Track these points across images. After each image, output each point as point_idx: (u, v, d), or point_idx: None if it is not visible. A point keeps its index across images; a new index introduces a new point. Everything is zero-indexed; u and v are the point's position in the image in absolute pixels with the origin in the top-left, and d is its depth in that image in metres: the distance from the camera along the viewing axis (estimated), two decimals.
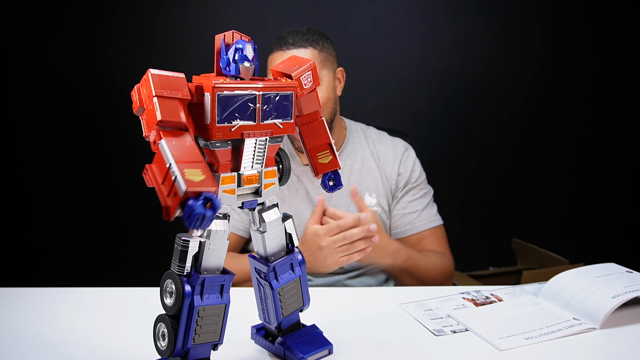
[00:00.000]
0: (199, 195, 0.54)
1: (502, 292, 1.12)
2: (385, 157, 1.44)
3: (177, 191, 0.54)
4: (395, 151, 1.45)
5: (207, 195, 0.54)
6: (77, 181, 2.44)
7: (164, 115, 0.60)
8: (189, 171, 0.55)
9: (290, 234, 0.80)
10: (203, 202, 0.54)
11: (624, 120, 2.54)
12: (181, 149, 0.58)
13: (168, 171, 0.56)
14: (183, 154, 0.57)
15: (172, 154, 0.57)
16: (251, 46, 0.67)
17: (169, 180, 0.55)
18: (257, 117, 0.67)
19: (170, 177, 0.55)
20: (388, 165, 1.43)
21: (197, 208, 0.53)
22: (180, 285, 0.67)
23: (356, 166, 1.42)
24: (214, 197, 0.54)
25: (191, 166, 0.56)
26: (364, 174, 1.42)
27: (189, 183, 0.54)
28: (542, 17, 2.45)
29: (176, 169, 0.55)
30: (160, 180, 0.56)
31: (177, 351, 0.68)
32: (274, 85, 0.69)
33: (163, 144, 0.58)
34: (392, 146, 1.46)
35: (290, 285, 0.80)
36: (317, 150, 0.77)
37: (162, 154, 0.57)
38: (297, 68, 0.75)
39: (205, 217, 0.53)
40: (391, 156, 1.44)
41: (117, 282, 1.21)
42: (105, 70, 2.36)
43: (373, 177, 1.42)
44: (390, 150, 1.45)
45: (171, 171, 0.55)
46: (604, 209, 2.62)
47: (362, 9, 2.40)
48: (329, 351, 0.83)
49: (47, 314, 0.99)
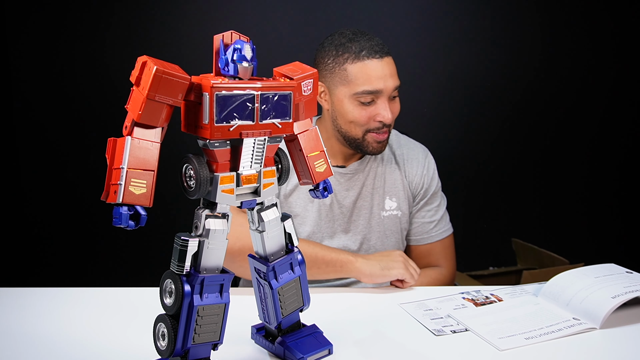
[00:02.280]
0: (133, 205, 0.60)
1: (502, 292, 1.12)
2: (408, 160, 1.41)
3: (117, 189, 0.60)
4: (417, 155, 1.42)
5: (139, 210, 0.60)
6: (76, 181, 2.44)
7: (143, 118, 0.63)
8: (135, 181, 0.61)
9: (289, 233, 0.80)
10: (132, 214, 0.60)
11: (625, 120, 2.54)
12: (141, 152, 0.62)
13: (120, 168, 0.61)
14: (139, 159, 0.62)
15: (129, 159, 0.61)
16: (249, 46, 0.67)
17: (117, 174, 0.61)
18: (256, 116, 0.67)
19: (119, 173, 0.61)
20: (410, 168, 1.40)
21: (123, 218, 0.60)
22: (180, 285, 0.67)
23: (380, 169, 1.39)
24: (142, 215, 0.61)
25: (140, 175, 0.61)
26: (386, 177, 1.39)
27: (126, 196, 0.60)
28: (542, 19, 2.45)
29: (124, 177, 0.60)
30: (112, 165, 0.62)
31: (177, 351, 0.68)
32: (273, 85, 0.69)
33: (127, 142, 0.62)
34: (414, 149, 1.43)
35: (289, 285, 0.80)
36: (314, 159, 0.79)
37: (123, 150, 0.62)
38: (300, 73, 0.75)
39: (128, 227, 0.60)
40: (413, 160, 1.41)
41: (115, 282, 1.21)
42: (104, 70, 2.36)
43: (394, 179, 1.39)
44: (413, 153, 1.42)
45: (121, 174, 0.61)
46: (604, 209, 2.62)
47: (362, 9, 2.40)
48: (329, 351, 0.83)
49: (45, 313, 0.99)
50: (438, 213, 1.42)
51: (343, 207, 1.35)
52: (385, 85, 1.23)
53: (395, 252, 1.21)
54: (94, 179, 2.45)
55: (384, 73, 1.23)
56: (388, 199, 1.38)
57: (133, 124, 0.63)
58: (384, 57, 1.24)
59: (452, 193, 1.48)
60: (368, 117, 1.25)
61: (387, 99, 1.25)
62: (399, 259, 1.17)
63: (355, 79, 1.23)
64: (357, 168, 1.36)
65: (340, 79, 1.25)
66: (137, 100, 0.63)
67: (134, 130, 0.63)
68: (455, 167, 2.46)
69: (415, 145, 1.45)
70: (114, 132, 0.66)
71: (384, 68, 1.23)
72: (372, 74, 1.23)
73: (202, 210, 0.69)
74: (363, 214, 1.36)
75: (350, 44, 1.25)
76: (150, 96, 0.62)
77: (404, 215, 1.40)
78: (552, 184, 2.59)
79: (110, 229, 2.48)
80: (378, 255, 1.20)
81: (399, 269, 1.15)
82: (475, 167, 2.53)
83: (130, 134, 0.63)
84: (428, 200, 1.41)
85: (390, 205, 1.38)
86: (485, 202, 2.56)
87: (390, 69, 1.25)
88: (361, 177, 1.36)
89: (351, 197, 1.35)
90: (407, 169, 1.40)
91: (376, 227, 1.37)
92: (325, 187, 0.82)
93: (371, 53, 1.24)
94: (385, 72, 1.23)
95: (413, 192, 1.41)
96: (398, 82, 1.26)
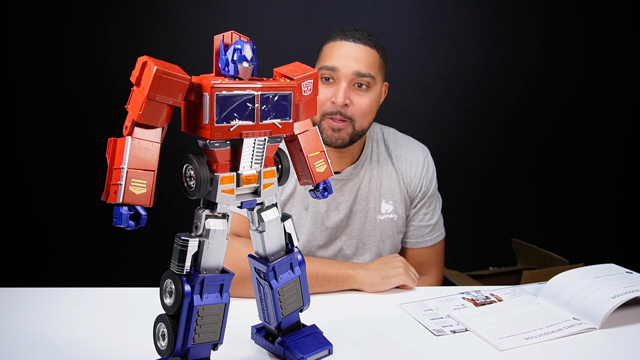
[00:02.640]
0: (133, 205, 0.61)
1: (502, 292, 1.12)
2: (405, 161, 1.38)
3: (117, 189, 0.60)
4: (416, 156, 1.39)
5: (139, 210, 0.61)
6: (76, 182, 2.44)
7: (143, 118, 0.63)
8: (135, 181, 0.61)
9: (289, 234, 0.80)
10: (133, 214, 0.60)
11: (625, 120, 2.54)
12: (141, 152, 0.62)
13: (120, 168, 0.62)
14: (139, 159, 0.62)
15: (129, 158, 0.61)
16: (249, 46, 0.67)
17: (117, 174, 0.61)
18: (256, 117, 0.67)
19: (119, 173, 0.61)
20: (408, 170, 1.37)
21: (123, 218, 0.60)
22: (180, 285, 0.67)
23: (375, 172, 1.36)
24: (142, 215, 0.61)
25: (140, 175, 0.61)
26: (382, 180, 1.36)
27: (126, 196, 0.60)
28: (542, 20, 2.45)
29: (124, 177, 0.60)
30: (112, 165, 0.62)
31: (177, 351, 0.68)
32: (273, 85, 0.69)
33: (128, 142, 0.62)
34: (412, 150, 1.40)
35: (289, 285, 0.80)
36: (314, 159, 0.79)
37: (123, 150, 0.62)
38: (300, 73, 0.75)
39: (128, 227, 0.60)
40: (412, 162, 1.38)
41: (115, 282, 1.20)
42: (104, 70, 2.36)
43: (390, 182, 1.36)
44: (411, 154, 1.39)
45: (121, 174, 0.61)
46: (604, 209, 2.62)
47: (362, 10, 2.40)
48: (328, 351, 0.83)
49: (46, 313, 0.99)
50: (434, 217, 1.40)
51: (339, 213, 1.33)
52: (344, 65, 1.20)
53: (395, 258, 1.20)
54: (94, 179, 2.45)
55: (348, 54, 1.21)
56: (384, 202, 1.36)
57: (133, 124, 0.63)
58: (359, 43, 1.22)
59: (451, 193, 1.48)
60: (325, 98, 1.22)
61: (348, 84, 1.21)
62: (400, 265, 1.17)
63: (323, 56, 1.25)
64: (351, 172, 1.33)
65: (317, 60, 1.27)
66: (138, 101, 0.63)
67: (134, 130, 0.63)
68: (455, 167, 2.46)
69: (414, 145, 1.41)
70: (114, 132, 0.66)
71: (351, 50, 1.21)
72: (336, 51, 1.22)
73: (202, 210, 0.69)
74: (358, 218, 1.35)
75: (337, 32, 1.26)
76: (150, 96, 0.62)
77: (400, 219, 1.38)
78: (552, 184, 2.59)
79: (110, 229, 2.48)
80: (378, 262, 1.19)
81: (400, 275, 1.14)
82: (475, 167, 2.53)
83: (131, 134, 0.63)
84: (425, 202, 1.39)
85: (386, 208, 1.36)
86: (485, 202, 2.56)
87: (359, 54, 1.21)
88: (356, 182, 1.34)
89: (347, 202, 1.33)
90: (405, 171, 1.37)
91: (372, 232, 1.35)
92: (325, 187, 0.81)
93: (347, 37, 1.23)
94: (350, 53, 1.21)
95: (411, 195, 1.38)
96: (363, 70, 1.21)
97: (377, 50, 1.25)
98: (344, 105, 1.21)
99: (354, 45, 1.22)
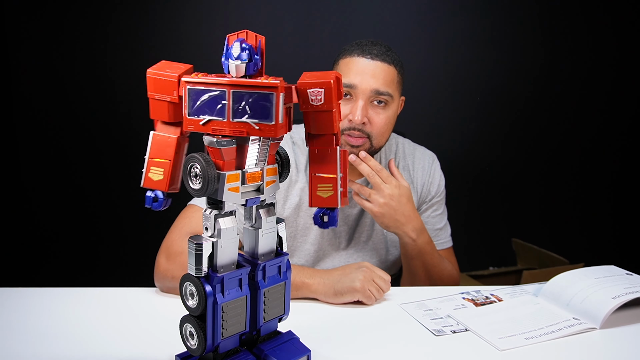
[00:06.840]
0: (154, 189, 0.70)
1: (502, 292, 1.12)
2: (414, 170, 1.38)
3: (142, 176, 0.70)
4: (423, 162, 1.39)
5: (157, 194, 0.69)
6: (76, 182, 2.44)
7: (152, 114, 0.71)
8: (154, 169, 0.69)
9: (280, 237, 0.79)
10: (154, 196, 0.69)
11: (625, 121, 2.54)
12: (161, 144, 0.70)
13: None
14: (158, 150, 0.70)
15: (150, 150, 0.70)
16: (239, 44, 0.66)
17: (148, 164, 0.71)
18: (227, 114, 0.66)
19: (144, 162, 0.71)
20: (417, 178, 1.37)
21: (147, 200, 0.69)
22: (201, 287, 0.68)
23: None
24: (160, 199, 0.69)
25: (158, 164, 0.70)
26: None
27: (145, 182, 0.70)
28: (544, 22, 2.45)
29: (145, 165, 0.70)
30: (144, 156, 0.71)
31: (209, 347, 0.70)
32: (250, 84, 0.66)
33: (150, 136, 0.70)
34: (419, 158, 1.40)
35: (276, 289, 0.79)
36: (319, 181, 0.73)
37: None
38: (307, 80, 0.70)
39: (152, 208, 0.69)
40: (419, 169, 1.38)
41: (115, 282, 1.20)
42: (104, 71, 2.36)
43: None
44: (418, 162, 1.39)
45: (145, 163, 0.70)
46: (604, 209, 2.62)
47: (362, 10, 2.40)
48: (307, 358, 0.82)
49: (46, 313, 0.99)
50: (441, 221, 1.39)
51: (348, 222, 1.32)
52: (362, 82, 1.17)
53: (359, 268, 1.09)
54: (94, 179, 2.47)
55: (365, 70, 1.18)
56: None
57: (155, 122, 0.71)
58: (376, 60, 1.19)
59: (452, 193, 1.48)
60: (342, 115, 1.18)
61: (365, 101, 1.18)
62: (358, 278, 1.06)
63: (339, 71, 1.19)
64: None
65: None
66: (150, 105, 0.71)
67: (157, 126, 0.71)
68: (455, 167, 2.45)
69: (422, 153, 1.41)
70: (114, 132, 0.67)
71: (368, 67, 1.19)
72: (353, 68, 1.19)
73: (211, 211, 0.70)
74: (366, 230, 1.33)
75: (354, 47, 1.23)
76: (151, 96, 0.69)
77: None
78: (552, 184, 2.59)
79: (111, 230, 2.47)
80: (340, 271, 1.10)
81: (353, 292, 1.04)
82: (475, 168, 2.53)
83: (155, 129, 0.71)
84: (432, 206, 1.38)
85: None
86: (485, 202, 2.56)
87: (377, 71, 1.19)
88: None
89: (355, 213, 1.32)
90: (414, 179, 1.37)
91: (379, 244, 1.34)
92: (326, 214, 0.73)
93: (364, 53, 1.20)
94: (367, 70, 1.18)
95: (418, 201, 1.37)
96: (381, 88, 1.18)
97: (395, 66, 1.22)
98: (361, 123, 1.19)
99: (372, 62, 1.19)
